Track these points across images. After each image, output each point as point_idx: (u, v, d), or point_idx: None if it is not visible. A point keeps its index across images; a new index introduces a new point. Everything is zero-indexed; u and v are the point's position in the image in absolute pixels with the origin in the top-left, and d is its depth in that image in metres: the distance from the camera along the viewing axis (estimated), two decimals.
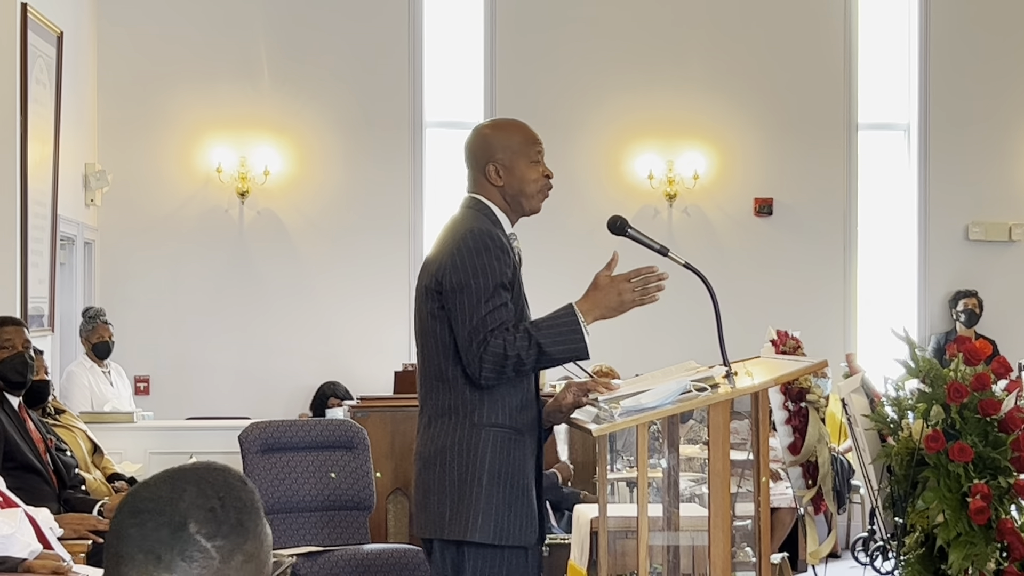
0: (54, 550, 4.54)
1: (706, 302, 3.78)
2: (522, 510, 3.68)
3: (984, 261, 10.49)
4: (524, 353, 3.57)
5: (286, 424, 6.39)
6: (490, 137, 3.86)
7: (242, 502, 1.67)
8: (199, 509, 1.63)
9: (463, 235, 3.69)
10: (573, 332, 3.62)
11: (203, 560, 1.62)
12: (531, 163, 3.83)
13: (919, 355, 4.57)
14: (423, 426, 3.78)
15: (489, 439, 3.65)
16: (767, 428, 4.05)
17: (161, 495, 1.65)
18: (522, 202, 3.82)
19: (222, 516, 1.64)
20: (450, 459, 3.66)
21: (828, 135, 10.37)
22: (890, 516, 4.56)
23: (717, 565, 3.67)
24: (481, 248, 3.65)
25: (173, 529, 1.62)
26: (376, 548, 6.15)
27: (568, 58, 10.14)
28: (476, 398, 3.66)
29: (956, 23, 10.48)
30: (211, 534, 1.63)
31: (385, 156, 9.97)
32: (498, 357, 3.57)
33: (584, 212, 9.87)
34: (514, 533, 3.66)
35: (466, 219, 3.77)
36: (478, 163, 3.83)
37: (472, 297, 3.61)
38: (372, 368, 9.61)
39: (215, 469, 1.70)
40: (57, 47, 8.24)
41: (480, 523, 3.62)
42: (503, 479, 3.65)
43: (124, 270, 9.70)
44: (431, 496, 3.69)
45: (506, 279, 3.66)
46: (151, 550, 1.61)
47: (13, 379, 5.53)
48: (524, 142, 3.84)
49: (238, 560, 1.64)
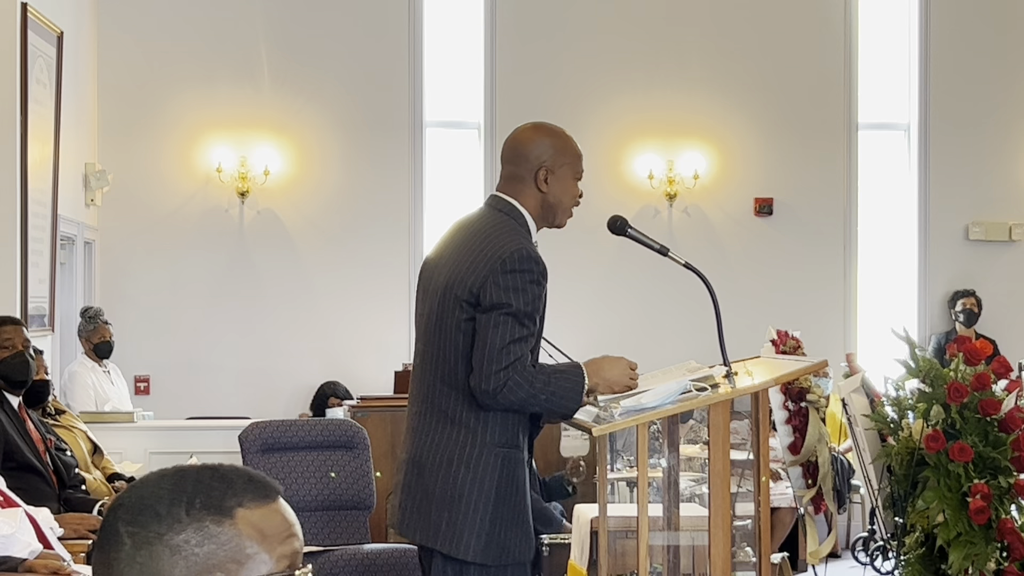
0: (54, 550, 4.54)
1: (706, 302, 3.78)
2: (521, 527, 3.69)
3: (984, 261, 10.49)
4: (538, 394, 3.57)
5: (286, 424, 6.39)
6: (549, 141, 3.80)
7: (217, 492, 1.54)
8: (175, 504, 1.52)
9: (511, 253, 3.61)
10: (577, 393, 3.62)
11: (116, 546, 1.52)
12: (575, 179, 3.82)
13: (919, 355, 4.57)
14: (418, 425, 3.74)
15: (498, 461, 3.65)
16: (767, 428, 4.05)
17: (143, 495, 1.55)
18: (556, 214, 3.79)
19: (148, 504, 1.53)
20: (454, 473, 3.64)
21: (828, 135, 10.37)
22: (890, 516, 4.56)
23: (717, 565, 3.67)
24: (527, 272, 3.60)
25: (156, 527, 1.51)
26: (376, 548, 6.15)
27: (568, 58, 10.14)
28: (484, 416, 3.64)
29: (956, 23, 10.48)
30: (130, 520, 1.52)
31: (385, 156, 9.97)
32: (521, 389, 3.54)
33: (584, 212, 9.82)
34: (513, 552, 3.68)
35: (505, 229, 3.70)
36: (529, 163, 3.76)
37: (505, 321, 3.56)
38: (372, 368, 9.61)
39: (198, 468, 1.60)
40: (57, 47, 8.23)
41: (484, 544, 3.62)
42: (507, 500, 3.66)
43: (124, 270, 9.70)
44: (428, 503, 3.67)
45: (541, 307, 3.65)
46: (135, 549, 1.52)
47: (15, 378, 5.53)
48: (577, 156, 3.84)
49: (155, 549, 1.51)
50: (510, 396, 3.54)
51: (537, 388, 3.55)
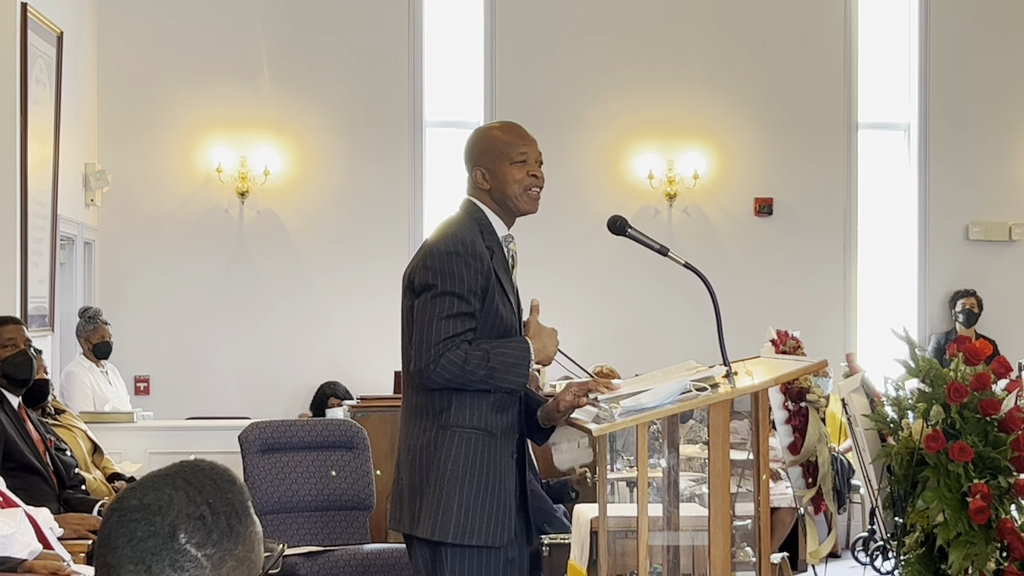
0: (54, 550, 4.54)
1: (706, 302, 3.78)
2: (489, 510, 3.67)
3: (984, 261, 10.49)
4: (476, 370, 3.60)
5: (286, 424, 6.39)
6: (476, 142, 3.90)
7: (231, 505, 1.63)
8: (188, 518, 1.60)
9: (439, 239, 3.74)
10: (522, 367, 3.66)
11: (194, 570, 1.59)
12: (513, 164, 3.83)
13: (919, 355, 4.57)
14: (401, 425, 3.84)
15: (454, 440, 3.67)
16: (767, 428, 4.05)
17: (149, 503, 1.60)
18: (508, 204, 3.83)
19: (212, 523, 1.61)
20: (418, 458, 3.70)
21: (828, 135, 10.37)
22: (890, 516, 4.56)
23: (717, 565, 3.67)
24: (452, 252, 3.67)
25: (163, 539, 1.58)
26: (376, 548, 6.15)
27: (568, 58, 10.14)
28: (444, 400, 3.68)
29: (956, 23, 10.48)
30: (201, 543, 1.59)
31: (385, 156, 9.97)
32: (454, 366, 3.59)
33: (584, 212, 9.87)
34: (477, 533, 3.65)
35: (452, 222, 3.81)
36: (471, 168, 3.88)
37: (434, 301, 3.63)
38: (372, 368, 9.61)
39: (202, 470, 1.65)
40: (57, 47, 8.23)
41: (440, 522, 3.64)
42: (467, 479, 3.66)
43: (124, 270, 9.70)
44: (404, 494, 3.75)
45: (475, 286, 3.66)
46: (141, 560, 1.58)
47: (17, 376, 5.54)
48: (506, 144, 3.84)
49: (229, 566, 1.61)
50: (444, 373, 3.59)
51: (473, 364, 3.59)
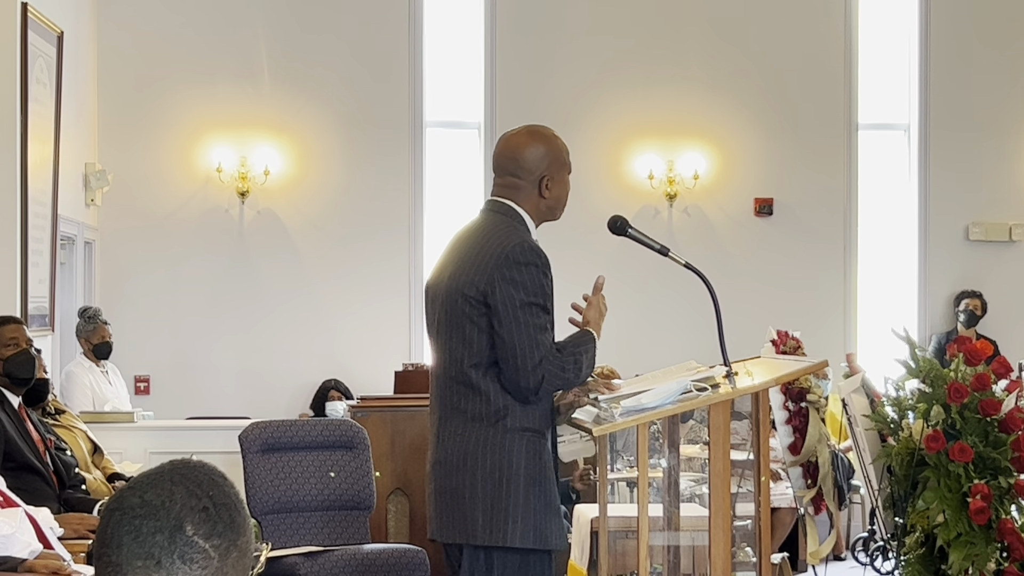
0: (54, 550, 4.54)
1: (706, 302, 3.78)
2: (556, 514, 3.70)
3: (984, 261, 10.49)
4: (572, 378, 3.70)
5: (286, 424, 6.39)
6: (544, 149, 3.82)
7: (229, 498, 1.69)
8: (192, 510, 1.64)
9: (512, 247, 3.65)
10: (594, 360, 3.80)
11: (203, 561, 1.63)
12: (569, 173, 3.89)
13: (919, 355, 4.57)
14: (441, 430, 3.74)
15: (523, 443, 3.65)
16: (767, 428, 4.05)
17: (151, 500, 1.64)
18: (556, 212, 3.86)
19: (216, 515, 1.65)
20: (480, 463, 3.64)
21: (828, 135, 10.36)
22: (890, 516, 4.56)
23: (717, 565, 3.67)
24: (530, 264, 3.65)
25: (170, 533, 1.63)
26: (376, 548, 6.15)
27: (568, 58, 10.14)
28: (507, 406, 3.66)
29: (956, 23, 10.48)
30: (208, 534, 1.64)
31: (385, 156, 9.97)
32: (557, 378, 3.65)
33: (584, 212, 9.86)
34: (551, 538, 3.67)
35: (504, 227, 3.72)
36: (531, 174, 3.78)
37: (528, 314, 3.62)
38: (372, 368, 9.60)
39: (193, 467, 1.70)
40: (57, 47, 8.23)
41: (520, 528, 3.62)
42: (538, 483, 3.65)
43: (124, 270, 9.70)
44: (461, 501, 3.66)
45: (550, 298, 3.71)
46: (150, 555, 1.62)
47: (19, 375, 5.54)
48: (566, 152, 3.89)
49: (233, 557, 1.66)
50: (549, 387, 3.66)
51: (569, 371, 3.68)
